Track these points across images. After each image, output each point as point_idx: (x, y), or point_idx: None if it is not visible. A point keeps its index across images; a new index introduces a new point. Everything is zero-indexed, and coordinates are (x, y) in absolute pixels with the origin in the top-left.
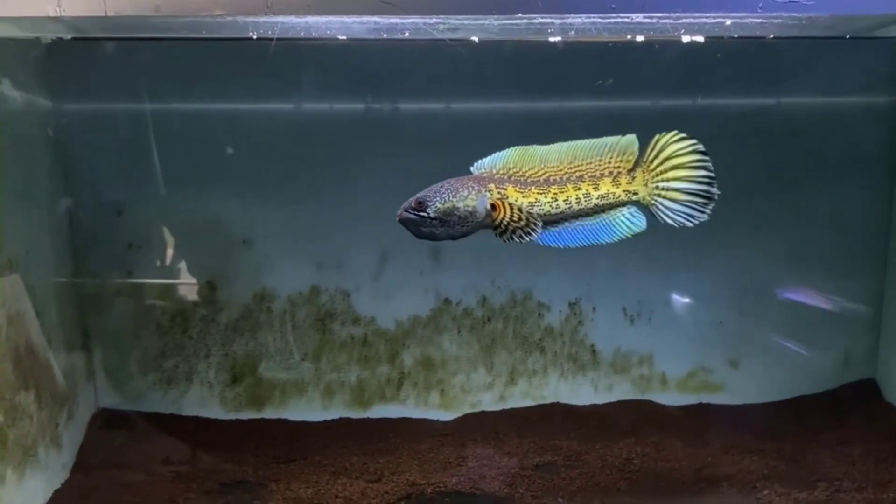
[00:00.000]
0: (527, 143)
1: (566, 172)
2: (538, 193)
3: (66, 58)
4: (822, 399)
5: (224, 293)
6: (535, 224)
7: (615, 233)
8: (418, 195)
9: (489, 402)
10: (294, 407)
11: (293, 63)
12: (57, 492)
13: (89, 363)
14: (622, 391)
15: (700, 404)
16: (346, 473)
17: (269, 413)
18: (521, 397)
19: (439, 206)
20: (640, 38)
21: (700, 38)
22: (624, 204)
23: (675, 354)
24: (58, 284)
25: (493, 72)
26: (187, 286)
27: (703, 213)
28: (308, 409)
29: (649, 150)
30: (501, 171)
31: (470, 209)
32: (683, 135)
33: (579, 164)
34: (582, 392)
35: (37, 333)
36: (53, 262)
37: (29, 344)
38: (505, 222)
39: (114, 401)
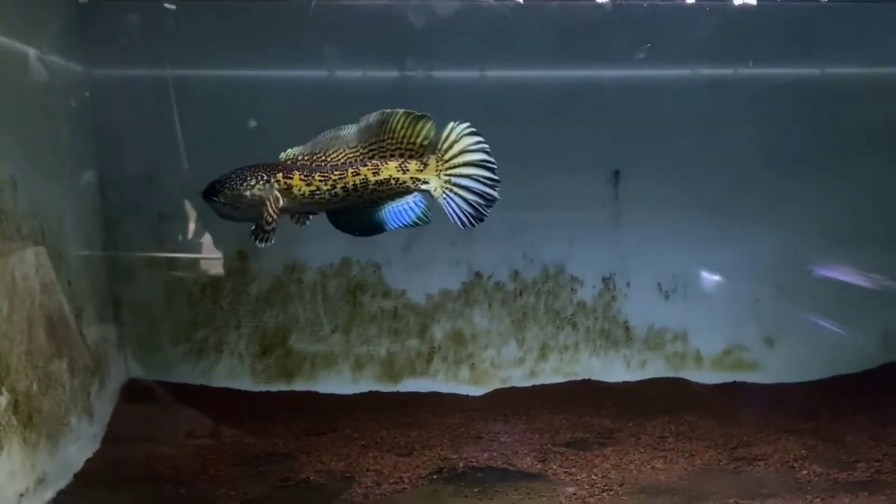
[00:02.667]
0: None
1: (358, 156)
2: (320, 181)
3: (100, 21)
4: (859, 379)
5: (255, 264)
6: (271, 233)
7: (400, 220)
8: (218, 177)
9: (520, 378)
10: (324, 379)
11: (326, 29)
12: (89, 461)
13: (120, 333)
14: (655, 368)
15: (735, 383)
16: (377, 447)
17: (299, 385)
18: (552, 373)
19: (227, 192)
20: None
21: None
22: (411, 192)
23: (710, 331)
24: (89, 254)
25: (533, 36)
26: (218, 256)
27: (483, 215)
28: (338, 382)
29: (443, 138)
30: (306, 158)
31: (257, 198)
32: (475, 129)
33: (371, 145)
34: (614, 369)
35: (68, 303)
36: (84, 232)
37: (61, 313)
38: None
39: (144, 371)
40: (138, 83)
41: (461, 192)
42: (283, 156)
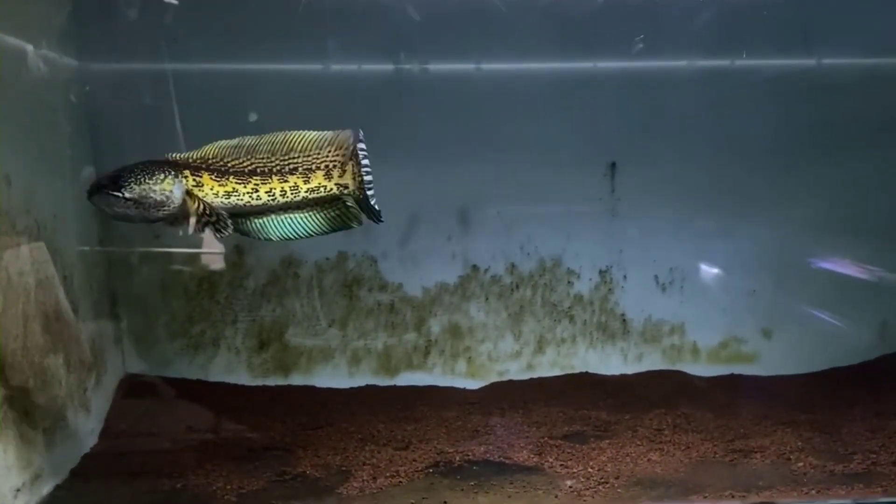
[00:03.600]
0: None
1: (277, 164)
2: (237, 183)
3: (95, 14)
4: (857, 371)
5: (251, 258)
6: (224, 221)
7: (328, 226)
8: (111, 172)
9: (517, 371)
10: (321, 373)
11: (320, 22)
12: (86, 456)
13: (116, 328)
14: (652, 361)
15: (732, 375)
16: (374, 440)
17: (296, 379)
18: (549, 366)
19: (135, 186)
20: None
21: None
22: (338, 197)
23: (707, 324)
24: (85, 249)
25: (528, 29)
26: (216, 251)
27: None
28: (335, 376)
29: (354, 143)
30: (196, 160)
31: (166, 194)
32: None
33: (295, 156)
34: (611, 362)
35: (64, 298)
36: (80, 226)
37: (57, 308)
38: (198, 214)
39: (141, 366)
40: (133, 77)
41: (369, 192)
42: (168, 156)
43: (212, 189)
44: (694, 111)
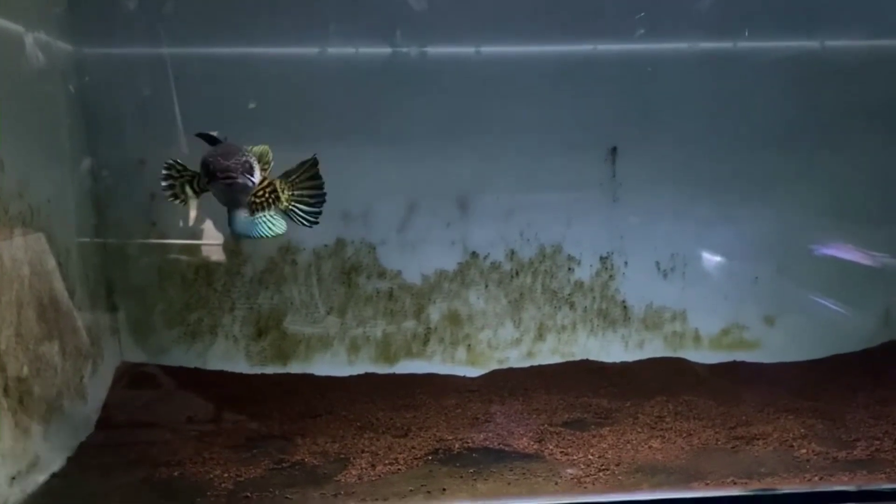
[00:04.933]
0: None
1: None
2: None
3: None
4: (860, 358)
5: (249, 245)
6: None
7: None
8: (232, 160)
9: (517, 359)
10: (319, 361)
11: (318, 5)
12: (82, 445)
13: (113, 316)
14: (654, 348)
15: (734, 362)
16: (373, 428)
17: (295, 367)
18: (549, 354)
19: (258, 173)
20: None
21: None
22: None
23: (709, 311)
24: (81, 235)
25: (528, 12)
26: (212, 238)
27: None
28: (334, 364)
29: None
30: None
31: (260, 177)
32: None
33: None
34: (612, 349)
35: (60, 285)
36: (76, 213)
37: (52, 295)
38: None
39: (138, 355)
40: (129, 63)
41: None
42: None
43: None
44: (696, 95)
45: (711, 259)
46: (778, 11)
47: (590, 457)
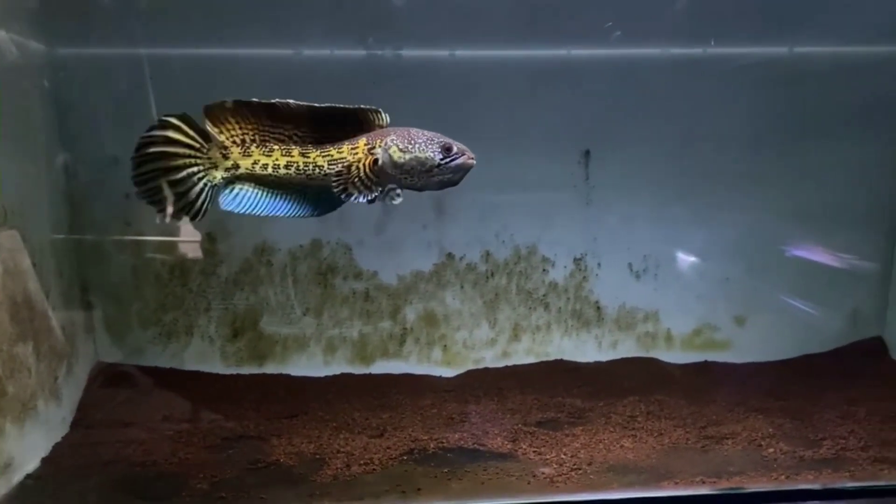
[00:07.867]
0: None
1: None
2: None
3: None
4: (828, 358)
5: (224, 245)
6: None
7: None
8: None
9: (492, 359)
10: (296, 362)
11: (293, 6)
12: (57, 445)
13: (88, 317)
14: (627, 348)
15: (705, 362)
16: (349, 428)
17: (271, 368)
18: (524, 354)
19: None
20: None
21: None
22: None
23: (681, 311)
24: (55, 233)
25: (503, 15)
26: (187, 238)
27: None
28: (310, 365)
29: None
30: None
31: None
32: None
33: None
34: (586, 349)
35: (34, 285)
36: (50, 213)
37: (26, 296)
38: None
39: (113, 355)
40: (102, 62)
41: None
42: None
43: None
44: (668, 99)
45: (683, 260)
46: (747, 18)
47: (562, 456)
